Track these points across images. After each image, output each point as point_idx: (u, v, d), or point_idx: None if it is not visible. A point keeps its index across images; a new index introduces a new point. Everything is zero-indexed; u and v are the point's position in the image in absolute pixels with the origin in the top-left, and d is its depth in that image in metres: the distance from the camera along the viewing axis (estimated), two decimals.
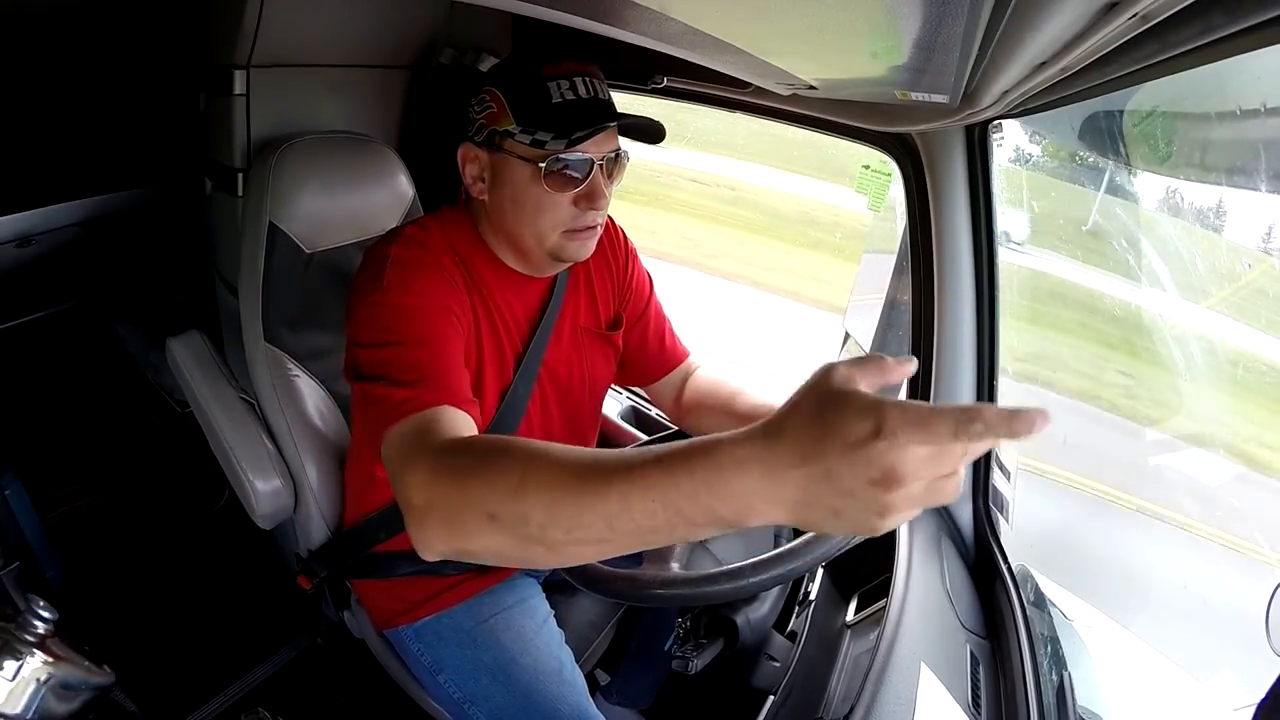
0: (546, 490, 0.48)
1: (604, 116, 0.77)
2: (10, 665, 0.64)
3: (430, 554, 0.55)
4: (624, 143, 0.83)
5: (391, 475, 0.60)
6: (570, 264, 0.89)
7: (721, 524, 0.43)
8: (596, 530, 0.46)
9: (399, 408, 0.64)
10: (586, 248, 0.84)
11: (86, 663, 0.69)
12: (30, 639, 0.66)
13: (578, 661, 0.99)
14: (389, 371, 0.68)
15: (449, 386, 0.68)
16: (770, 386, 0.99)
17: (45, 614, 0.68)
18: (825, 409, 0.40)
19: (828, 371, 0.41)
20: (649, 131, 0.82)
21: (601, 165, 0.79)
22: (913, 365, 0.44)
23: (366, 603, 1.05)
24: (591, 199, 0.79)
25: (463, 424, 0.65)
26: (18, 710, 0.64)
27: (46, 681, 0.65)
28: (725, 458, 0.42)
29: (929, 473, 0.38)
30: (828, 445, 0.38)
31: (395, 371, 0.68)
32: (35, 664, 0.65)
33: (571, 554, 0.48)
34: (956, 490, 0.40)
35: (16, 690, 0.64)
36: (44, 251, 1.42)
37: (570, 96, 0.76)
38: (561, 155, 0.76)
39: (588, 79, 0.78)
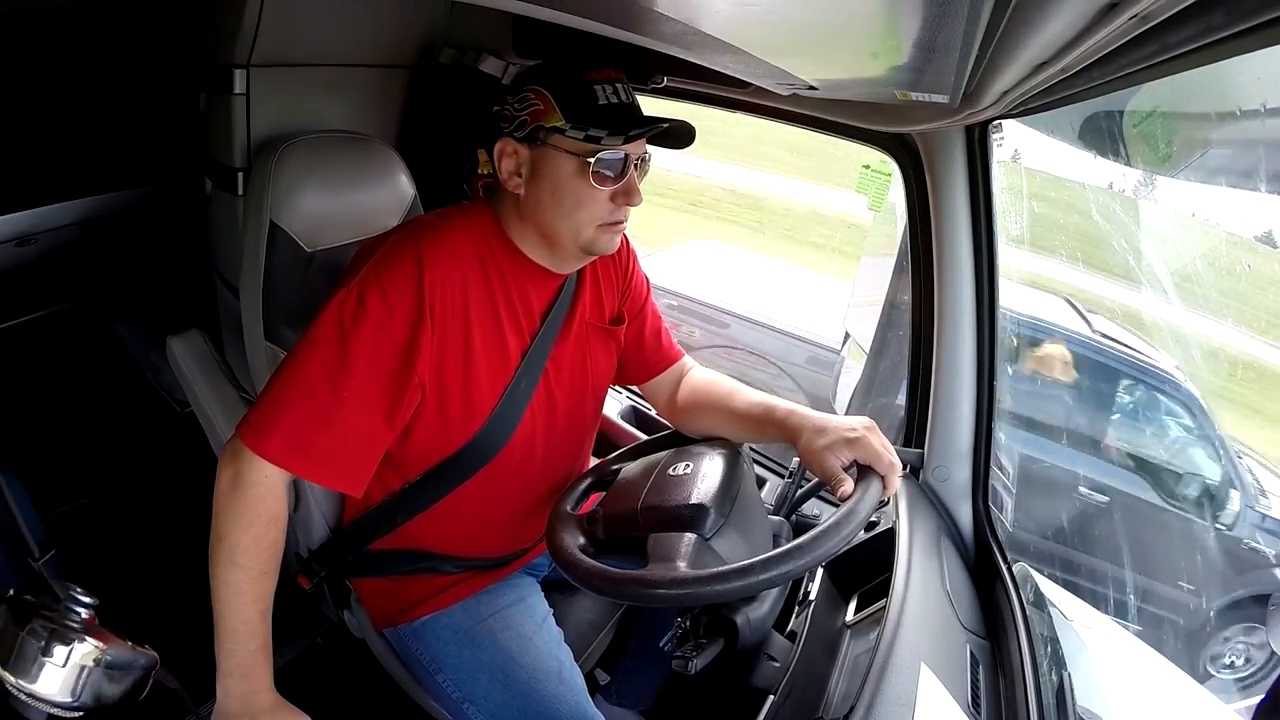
0: (235, 574, 0.77)
1: (645, 118, 0.82)
2: (61, 652, 0.64)
3: (216, 481, 0.79)
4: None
5: (227, 457, 0.78)
6: (598, 256, 0.91)
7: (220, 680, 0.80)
8: (214, 600, 0.79)
9: (260, 438, 0.77)
10: (615, 242, 0.88)
11: (130, 643, 0.70)
12: (76, 625, 0.66)
13: (577, 661, 0.99)
14: (292, 393, 0.77)
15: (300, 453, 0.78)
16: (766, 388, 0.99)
17: (86, 599, 0.69)
18: None
19: None
20: (683, 136, 0.85)
21: (636, 164, 0.83)
22: None
23: (366, 602, 1.05)
24: (628, 195, 0.84)
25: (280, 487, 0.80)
26: (70, 696, 0.65)
27: (98, 664, 0.66)
28: (241, 685, 0.80)
29: None
30: None
31: (298, 398, 0.77)
32: (85, 648, 0.66)
33: (213, 591, 0.79)
34: None
35: (69, 676, 0.65)
36: (44, 251, 1.42)
37: (614, 100, 0.81)
38: (606, 153, 0.80)
39: (624, 86, 0.83)
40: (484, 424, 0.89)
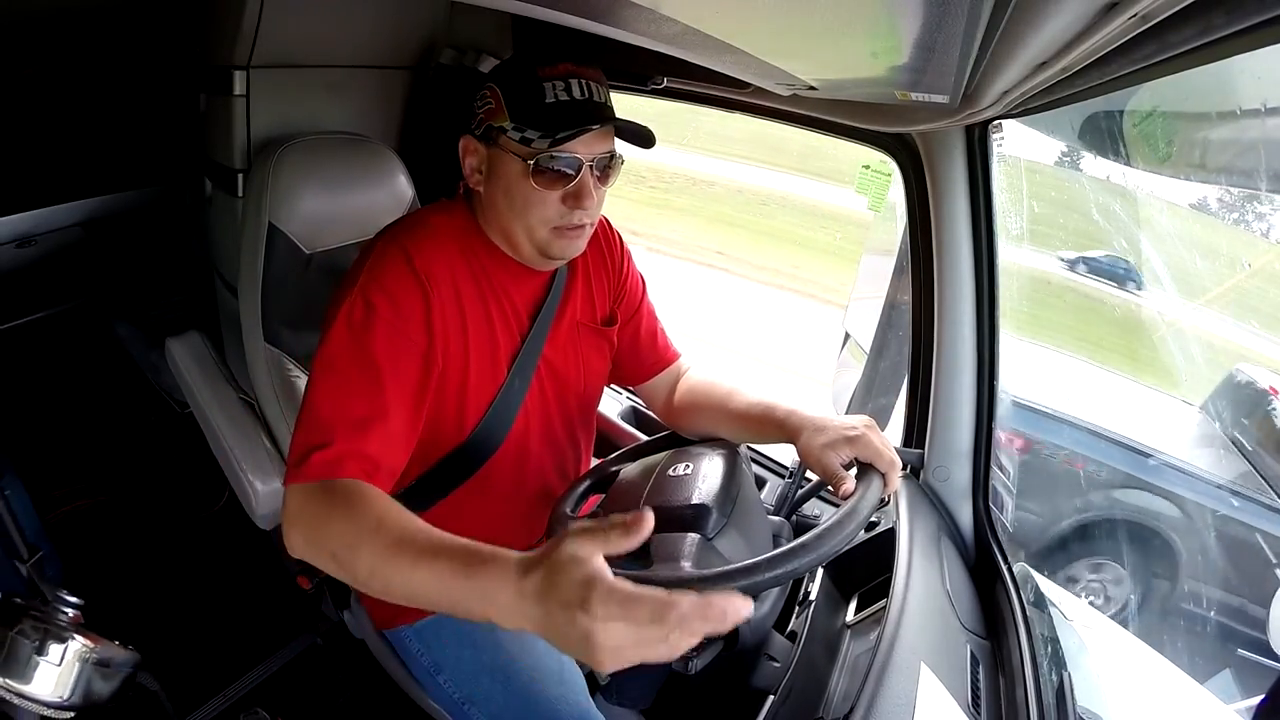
0: (369, 556, 0.63)
1: (593, 118, 0.78)
2: (56, 650, 0.66)
3: (293, 553, 0.69)
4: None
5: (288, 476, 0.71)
6: (561, 260, 0.90)
7: (486, 619, 0.57)
8: (401, 595, 0.62)
9: (307, 464, 0.70)
10: (575, 246, 0.86)
11: (116, 642, 0.71)
12: (65, 625, 0.67)
13: (577, 661, 0.99)
14: (324, 411, 0.73)
15: (357, 457, 0.72)
16: (763, 384, 0.99)
17: (72, 599, 0.69)
18: (555, 570, 0.53)
19: (563, 540, 0.54)
20: (639, 136, 0.83)
21: (592, 166, 0.80)
22: (645, 528, 0.54)
23: (366, 602, 1.05)
24: (579, 198, 0.81)
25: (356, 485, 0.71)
26: (66, 694, 0.66)
27: (90, 661, 0.67)
28: (496, 579, 0.56)
29: (630, 641, 0.50)
30: (550, 600, 0.52)
31: (330, 413, 0.72)
32: (77, 646, 0.67)
33: (390, 596, 0.63)
34: (672, 651, 0.50)
35: (64, 674, 0.66)
36: (45, 252, 1.42)
37: (564, 97, 0.77)
38: (549, 154, 0.77)
39: (584, 81, 0.79)
40: (477, 425, 0.89)
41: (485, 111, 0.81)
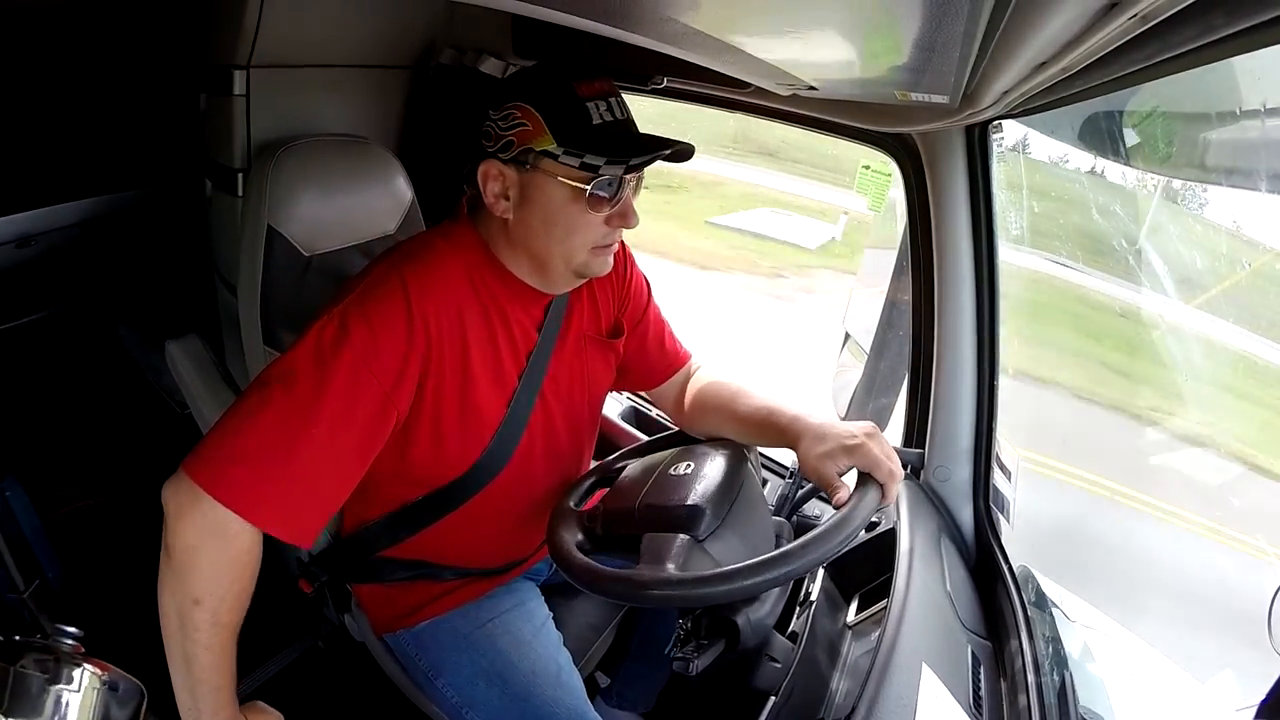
0: (206, 627, 0.72)
1: (643, 140, 0.78)
2: (75, 675, 0.62)
3: (168, 542, 0.76)
4: None
5: (187, 505, 0.73)
6: (591, 278, 0.87)
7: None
8: (178, 659, 0.74)
9: (214, 476, 0.70)
10: (608, 263, 0.84)
11: (120, 670, 0.69)
12: (73, 655, 0.65)
13: (577, 664, 0.98)
14: (257, 433, 0.70)
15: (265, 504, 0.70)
16: (772, 386, 0.99)
17: (72, 630, 0.67)
18: None
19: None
20: (682, 155, 0.81)
21: (631, 184, 0.80)
22: None
23: (366, 607, 1.05)
24: (624, 217, 0.80)
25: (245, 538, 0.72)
26: None
27: (106, 684, 0.65)
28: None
29: None
30: None
31: (254, 434, 0.70)
32: (91, 670, 0.64)
33: (170, 646, 0.74)
34: None
35: (86, 700, 0.62)
36: (44, 252, 1.42)
37: (609, 118, 0.76)
38: (604, 177, 0.75)
39: (616, 99, 0.78)
40: (483, 452, 0.87)
41: (518, 133, 0.75)
